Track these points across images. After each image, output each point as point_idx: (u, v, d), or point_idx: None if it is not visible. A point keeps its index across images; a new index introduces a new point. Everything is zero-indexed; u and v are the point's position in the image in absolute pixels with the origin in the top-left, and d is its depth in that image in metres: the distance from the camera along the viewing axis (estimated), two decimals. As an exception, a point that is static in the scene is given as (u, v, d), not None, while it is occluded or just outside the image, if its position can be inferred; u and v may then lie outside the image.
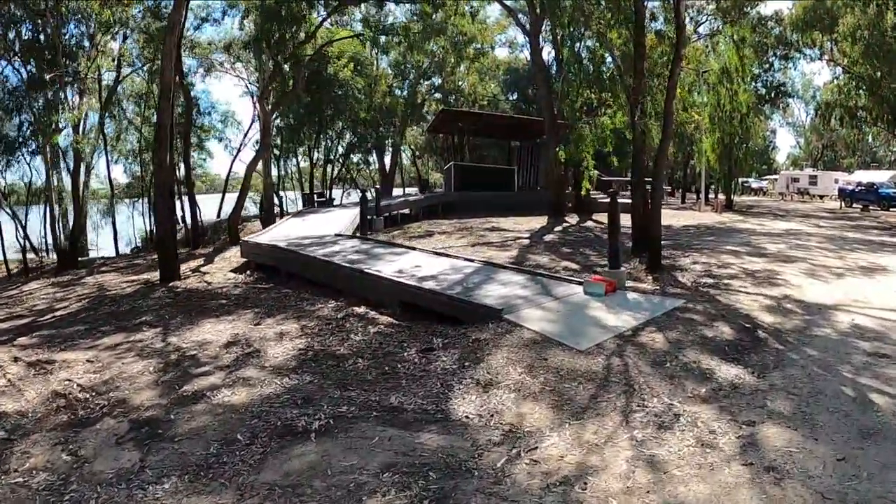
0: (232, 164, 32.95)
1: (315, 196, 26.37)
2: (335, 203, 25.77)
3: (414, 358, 5.33)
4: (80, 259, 18.73)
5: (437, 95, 36.95)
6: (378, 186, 30.98)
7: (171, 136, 12.20)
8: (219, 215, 33.66)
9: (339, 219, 15.31)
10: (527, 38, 21.08)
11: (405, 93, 33.59)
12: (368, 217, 16.56)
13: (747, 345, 5.29)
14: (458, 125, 27.03)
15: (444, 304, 6.77)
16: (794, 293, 7.18)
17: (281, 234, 13.67)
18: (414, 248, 10.75)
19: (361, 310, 7.43)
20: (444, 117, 26.92)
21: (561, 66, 20.00)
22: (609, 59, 14.47)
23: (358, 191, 33.65)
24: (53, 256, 20.31)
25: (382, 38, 24.28)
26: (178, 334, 6.75)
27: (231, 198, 35.59)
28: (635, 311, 6.40)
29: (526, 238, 13.52)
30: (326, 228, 14.09)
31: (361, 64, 27.97)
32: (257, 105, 22.59)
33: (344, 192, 40.30)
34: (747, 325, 5.86)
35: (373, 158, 36.76)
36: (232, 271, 11.70)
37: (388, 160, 36.36)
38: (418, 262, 9.22)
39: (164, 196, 11.00)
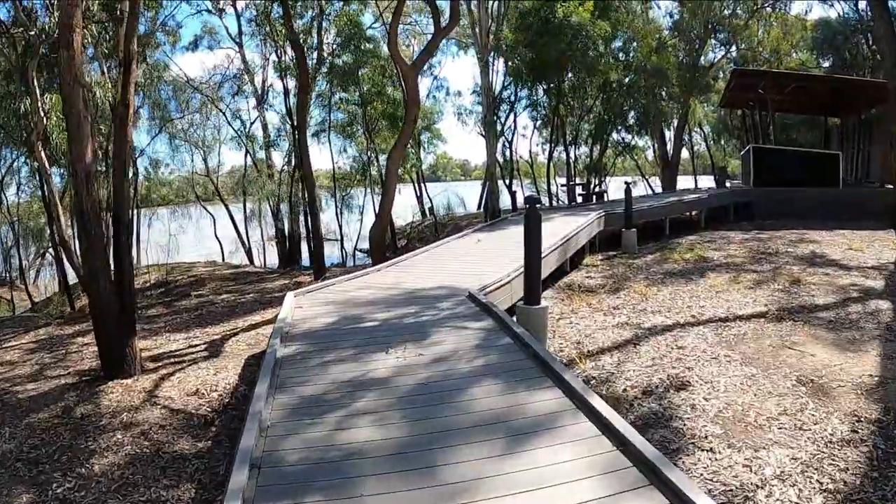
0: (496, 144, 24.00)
1: (569, 188, 22.59)
2: (605, 200, 20.92)
3: None
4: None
5: (729, 59, 29.54)
6: (617, 181, 25.33)
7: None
8: (479, 206, 32.51)
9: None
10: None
11: (684, 55, 27.06)
12: (619, 230, 12.83)
13: None
14: (759, 92, 20.80)
15: None
16: None
17: (387, 279, 7.92)
18: (587, 410, 3.28)
19: None
20: (739, 81, 21.03)
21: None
22: None
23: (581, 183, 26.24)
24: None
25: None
26: None
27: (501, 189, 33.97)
28: None
29: (879, 284, 7.64)
30: (489, 265, 7.95)
31: (610, 8, 22.01)
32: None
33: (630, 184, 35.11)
34: None
35: (637, 140, 30.15)
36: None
37: (670, 145, 30.32)
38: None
39: (95, 221, 5.65)
